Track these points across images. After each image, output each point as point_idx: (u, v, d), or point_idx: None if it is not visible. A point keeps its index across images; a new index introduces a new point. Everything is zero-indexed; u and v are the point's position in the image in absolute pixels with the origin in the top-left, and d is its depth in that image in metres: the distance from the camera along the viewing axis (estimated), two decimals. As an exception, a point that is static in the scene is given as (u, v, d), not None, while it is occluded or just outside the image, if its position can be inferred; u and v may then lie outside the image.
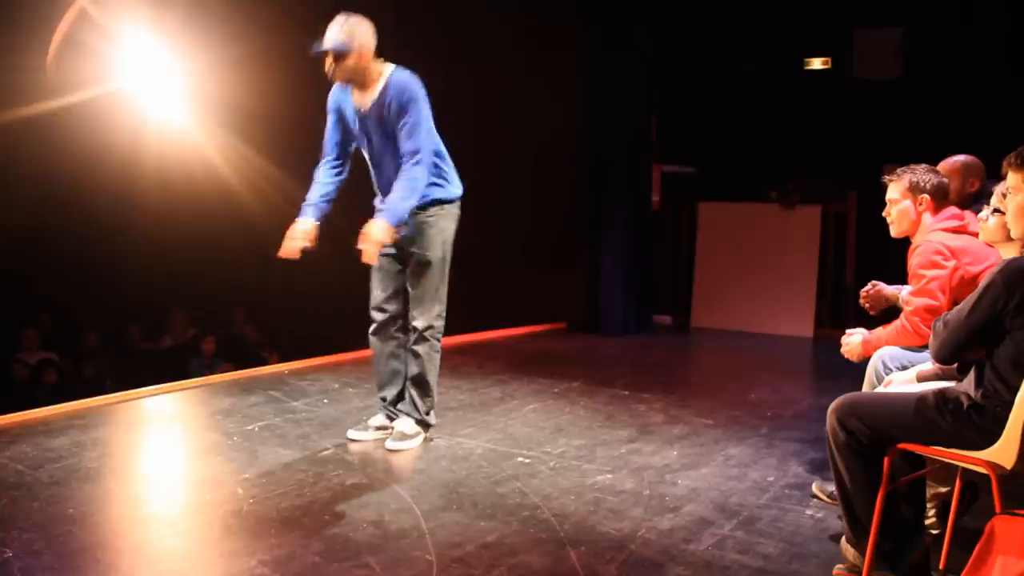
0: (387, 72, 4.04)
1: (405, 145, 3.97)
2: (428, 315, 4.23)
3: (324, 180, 4.24)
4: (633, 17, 7.75)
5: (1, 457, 4.11)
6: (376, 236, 3.87)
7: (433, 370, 4.32)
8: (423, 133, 3.99)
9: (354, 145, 4.29)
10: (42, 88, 7.75)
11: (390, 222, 3.92)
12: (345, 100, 4.15)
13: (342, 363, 6.23)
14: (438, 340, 4.30)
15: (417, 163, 3.96)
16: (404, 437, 4.32)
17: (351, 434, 4.45)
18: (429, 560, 3.08)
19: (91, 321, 9.95)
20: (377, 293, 4.34)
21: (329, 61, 3.98)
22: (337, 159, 4.27)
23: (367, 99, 4.06)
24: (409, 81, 4.02)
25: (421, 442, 4.36)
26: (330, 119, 4.24)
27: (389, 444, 4.31)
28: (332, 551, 3.15)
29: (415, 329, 4.25)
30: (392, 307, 4.33)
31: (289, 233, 4.09)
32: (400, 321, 4.35)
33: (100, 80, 7.78)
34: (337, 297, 7.09)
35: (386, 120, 4.04)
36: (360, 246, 3.89)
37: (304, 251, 4.11)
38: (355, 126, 4.16)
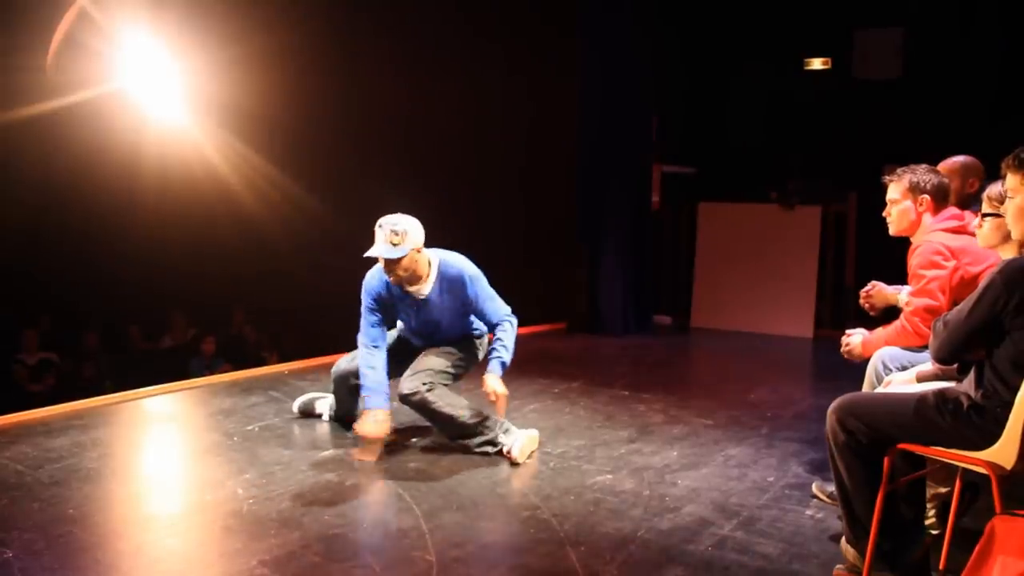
0: (435, 260, 4.22)
1: (492, 316, 4.29)
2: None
3: (379, 364, 4.22)
4: (633, 17, 7.75)
5: (1, 457, 4.11)
6: (498, 389, 4.17)
7: (445, 407, 4.21)
8: (498, 300, 4.33)
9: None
10: (42, 88, 7.76)
11: (496, 372, 4.20)
12: (385, 289, 4.22)
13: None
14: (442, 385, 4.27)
15: (511, 323, 4.31)
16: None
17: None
18: (429, 560, 3.08)
19: (91, 321, 9.96)
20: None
21: (384, 265, 4.08)
22: (382, 339, 4.30)
23: (424, 288, 4.20)
24: (462, 265, 4.25)
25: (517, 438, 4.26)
26: (369, 306, 4.26)
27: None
28: (332, 551, 3.15)
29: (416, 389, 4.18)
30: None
31: (367, 430, 4.07)
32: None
33: (100, 80, 7.79)
34: (337, 297, 7.09)
35: (450, 303, 4.24)
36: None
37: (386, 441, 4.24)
38: (403, 310, 4.31)
